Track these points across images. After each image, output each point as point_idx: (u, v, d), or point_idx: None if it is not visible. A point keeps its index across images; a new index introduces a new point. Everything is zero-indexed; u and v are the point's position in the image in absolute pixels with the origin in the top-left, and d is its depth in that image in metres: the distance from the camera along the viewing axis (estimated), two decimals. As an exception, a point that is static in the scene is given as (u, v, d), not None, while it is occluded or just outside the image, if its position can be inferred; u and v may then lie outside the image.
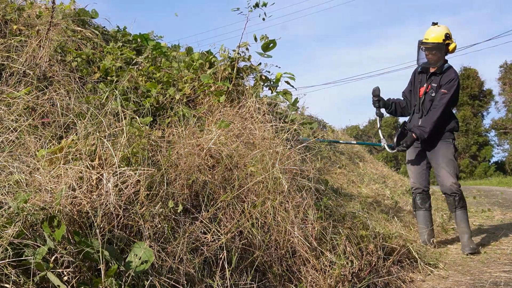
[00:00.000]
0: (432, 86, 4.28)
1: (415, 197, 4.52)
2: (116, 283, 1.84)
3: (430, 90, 4.28)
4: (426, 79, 4.35)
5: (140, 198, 2.24)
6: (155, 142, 2.76)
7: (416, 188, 4.52)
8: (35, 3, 4.37)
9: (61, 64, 3.48)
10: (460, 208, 4.26)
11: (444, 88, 4.20)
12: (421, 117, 4.31)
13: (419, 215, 4.54)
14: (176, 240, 2.26)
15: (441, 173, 4.27)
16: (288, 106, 6.86)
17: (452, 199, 4.26)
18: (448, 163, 4.25)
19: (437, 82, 4.24)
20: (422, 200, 4.49)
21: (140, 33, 4.98)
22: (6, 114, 2.64)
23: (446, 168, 4.23)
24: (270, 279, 2.59)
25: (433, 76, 4.31)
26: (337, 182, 5.72)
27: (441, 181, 4.30)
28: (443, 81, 4.22)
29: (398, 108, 4.56)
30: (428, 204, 4.51)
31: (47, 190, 2.04)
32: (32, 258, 1.74)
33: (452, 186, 4.22)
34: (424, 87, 4.35)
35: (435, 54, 4.22)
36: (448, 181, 4.23)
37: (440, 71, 4.27)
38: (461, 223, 4.27)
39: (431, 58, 4.24)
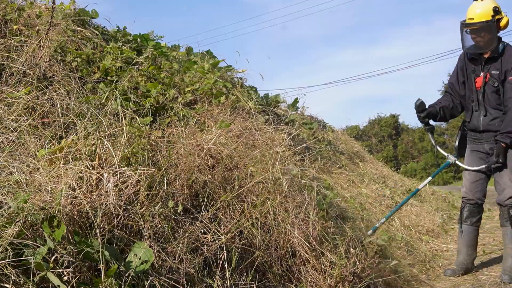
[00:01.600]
0: (492, 74, 3.44)
1: (463, 208, 3.75)
2: (116, 283, 1.84)
3: (491, 79, 3.44)
4: (482, 67, 3.50)
5: (140, 198, 2.24)
6: (155, 142, 2.76)
7: (468, 199, 3.72)
8: (35, 3, 4.37)
9: (61, 64, 3.48)
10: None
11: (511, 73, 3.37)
12: (485, 115, 3.53)
13: (462, 229, 3.75)
14: (176, 240, 2.26)
15: (502, 181, 3.49)
16: (288, 106, 6.86)
17: (506, 211, 3.50)
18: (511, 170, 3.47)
19: (498, 68, 3.42)
20: (470, 213, 3.69)
21: (140, 33, 4.99)
22: (6, 114, 2.64)
23: (510, 176, 3.46)
24: (270, 279, 2.59)
25: (490, 62, 3.47)
26: (337, 182, 5.72)
27: (500, 190, 3.53)
28: (506, 65, 3.39)
29: (447, 112, 3.76)
30: (476, 219, 3.71)
31: (47, 190, 2.04)
32: (32, 258, 1.74)
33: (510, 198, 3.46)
34: (481, 77, 3.50)
35: (485, 36, 3.39)
36: (509, 191, 3.45)
37: (497, 54, 3.43)
38: (509, 243, 3.53)
39: (481, 42, 3.42)
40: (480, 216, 3.73)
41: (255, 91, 5.67)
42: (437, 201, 8.07)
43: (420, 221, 5.87)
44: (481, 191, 3.68)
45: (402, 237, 4.41)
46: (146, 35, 4.98)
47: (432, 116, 3.71)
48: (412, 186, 8.58)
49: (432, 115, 3.70)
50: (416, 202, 7.15)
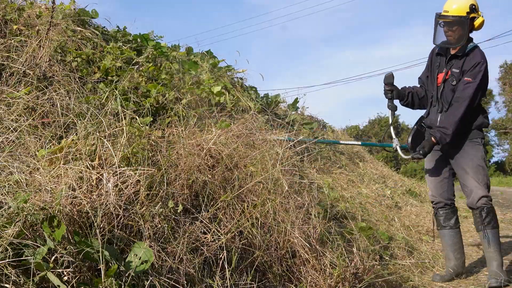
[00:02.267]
0: (452, 72, 3.37)
1: (436, 213, 3.59)
2: (116, 283, 1.84)
3: (450, 77, 3.38)
4: (446, 62, 3.44)
5: (140, 198, 2.24)
6: (155, 142, 2.76)
7: (436, 202, 3.57)
8: (35, 3, 4.37)
9: (61, 64, 3.48)
10: (489, 227, 3.30)
11: (468, 75, 3.28)
12: (440, 111, 3.43)
13: (443, 235, 3.57)
14: (176, 240, 2.26)
15: (468, 183, 3.35)
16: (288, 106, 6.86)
17: (478, 214, 3.32)
18: (476, 170, 3.33)
19: (459, 67, 3.34)
20: (445, 217, 3.53)
21: (140, 33, 4.99)
22: (6, 114, 2.64)
23: (474, 177, 3.32)
24: (270, 279, 2.59)
25: (454, 60, 3.40)
26: (337, 182, 5.72)
27: (468, 193, 3.37)
28: (467, 65, 3.31)
29: (415, 99, 3.63)
30: (454, 221, 3.54)
31: (47, 190, 2.04)
32: (32, 258, 1.74)
33: (481, 199, 3.30)
34: (443, 73, 3.43)
35: (457, 31, 3.32)
36: (477, 193, 3.30)
37: (462, 53, 3.35)
38: (489, 246, 3.30)
39: (452, 36, 3.34)
40: (456, 216, 3.56)
41: (255, 91, 5.67)
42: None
43: (420, 221, 5.87)
44: (448, 191, 3.53)
45: (402, 237, 4.41)
46: (146, 35, 4.99)
47: (398, 95, 3.58)
48: (412, 186, 8.58)
49: (398, 93, 3.57)
50: (416, 202, 7.15)
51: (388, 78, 3.55)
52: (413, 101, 3.63)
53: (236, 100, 4.61)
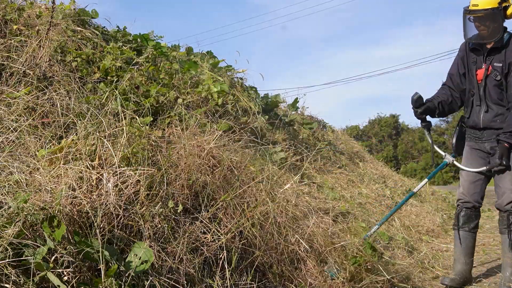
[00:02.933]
0: (494, 66, 3.13)
1: (460, 212, 3.39)
2: (116, 283, 1.84)
3: (493, 72, 3.13)
4: (484, 58, 3.20)
5: (140, 198, 2.24)
6: (155, 142, 2.76)
7: (464, 201, 3.36)
8: (35, 3, 4.37)
9: (61, 64, 3.48)
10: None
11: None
12: (487, 111, 3.20)
13: (458, 236, 3.38)
14: (176, 240, 2.26)
15: (503, 184, 3.16)
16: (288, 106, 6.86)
17: (505, 217, 3.17)
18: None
19: (501, 59, 3.11)
20: (467, 218, 3.34)
21: (140, 33, 4.99)
22: (6, 114, 2.64)
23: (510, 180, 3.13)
24: (270, 279, 2.59)
25: (493, 54, 3.16)
26: (337, 182, 5.72)
27: (499, 194, 3.20)
28: (510, 56, 3.08)
29: (445, 107, 3.40)
30: (473, 225, 3.36)
31: (47, 190, 2.04)
32: (32, 258, 1.74)
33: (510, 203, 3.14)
34: (482, 69, 3.19)
35: (490, 25, 3.09)
36: (509, 196, 3.13)
37: (501, 45, 3.12)
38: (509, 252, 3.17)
39: (485, 31, 3.11)
40: (477, 221, 3.39)
41: (255, 91, 5.67)
42: (437, 201, 8.07)
43: (420, 221, 5.87)
44: (480, 193, 3.33)
45: (402, 237, 4.41)
46: (146, 35, 4.99)
47: (429, 111, 3.38)
48: (412, 186, 8.58)
49: (429, 110, 3.37)
50: (416, 202, 7.15)
51: (418, 100, 3.31)
52: (443, 110, 3.41)
53: (236, 100, 4.61)
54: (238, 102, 4.60)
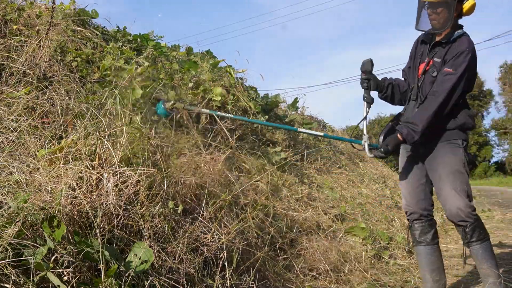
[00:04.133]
0: (434, 61, 2.90)
1: (411, 226, 3.00)
2: (116, 283, 1.84)
3: (431, 67, 2.90)
4: (428, 51, 2.96)
5: (140, 198, 2.24)
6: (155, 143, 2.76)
7: (411, 213, 2.98)
8: (35, 3, 4.37)
9: (61, 64, 3.48)
10: (477, 242, 2.78)
11: (450, 65, 2.80)
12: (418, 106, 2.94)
13: (418, 252, 2.98)
14: (176, 240, 2.26)
15: (444, 191, 2.81)
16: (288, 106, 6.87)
17: (462, 230, 2.79)
18: (453, 175, 2.79)
19: (442, 56, 2.88)
20: (421, 231, 2.94)
21: (140, 33, 4.99)
22: (6, 114, 2.64)
23: (451, 184, 2.78)
24: (271, 279, 2.59)
25: (437, 47, 2.92)
26: (337, 182, 5.72)
27: (444, 203, 2.83)
28: (450, 54, 2.84)
29: (396, 92, 3.09)
30: (431, 235, 2.94)
31: (47, 190, 2.04)
32: (32, 258, 1.74)
33: (459, 211, 2.74)
34: (424, 62, 2.96)
35: (442, 14, 2.85)
36: (454, 203, 2.75)
37: (447, 40, 2.88)
38: (481, 263, 2.79)
39: (436, 20, 2.87)
40: (434, 230, 2.96)
41: (255, 91, 5.67)
42: (436, 201, 8.07)
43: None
44: (426, 200, 2.94)
45: (402, 237, 4.41)
46: (146, 35, 4.99)
47: (375, 85, 3.00)
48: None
49: (375, 84, 3.00)
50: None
51: (366, 65, 2.97)
52: (393, 94, 3.08)
53: (236, 100, 4.61)
54: (238, 102, 4.60)
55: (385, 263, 3.73)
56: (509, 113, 34.52)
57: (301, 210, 3.86)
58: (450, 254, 4.72)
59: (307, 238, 3.40)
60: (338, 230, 3.95)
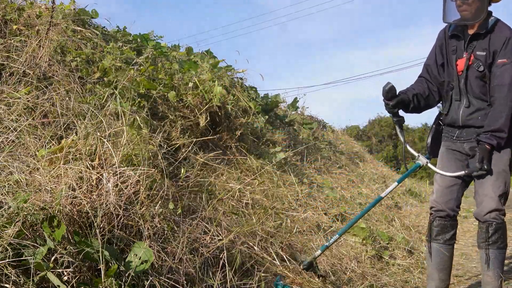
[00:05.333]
0: (477, 55, 2.71)
1: (432, 222, 2.90)
2: (116, 283, 1.84)
3: (475, 62, 2.71)
4: (465, 46, 2.76)
5: (140, 198, 2.24)
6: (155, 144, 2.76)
7: (438, 209, 2.87)
8: (35, 3, 4.37)
9: (61, 64, 3.47)
10: (493, 246, 2.68)
11: (502, 55, 2.62)
12: (468, 106, 2.77)
13: (432, 249, 2.89)
14: (176, 240, 2.26)
15: (482, 190, 2.72)
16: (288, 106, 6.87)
17: (484, 229, 2.70)
18: (497, 176, 2.68)
19: (485, 47, 2.68)
20: (441, 228, 2.85)
21: (140, 33, 4.99)
22: (6, 114, 2.64)
23: (492, 184, 2.68)
24: (271, 279, 2.59)
25: (475, 41, 2.73)
26: (337, 182, 5.72)
27: (478, 202, 2.75)
28: (495, 44, 2.65)
29: (421, 101, 2.93)
30: (449, 236, 2.85)
31: (47, 190, 2.04)
32: (32, 258, 1.74)
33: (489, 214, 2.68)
34: (463, 58, 2.76)
35: (474, 4, 2.66)
36: (488, 204, 2.68)
37: (485, 30, 2.70)
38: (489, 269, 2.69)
39: (467, 11, 2.68)
40: (454, 231, 2.88)
41: (255, 91, 5.67)
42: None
43: (420, 221, 5.87)
44: (455, 200, 2.84)
45: (402, 237, 4.41)
46: (146, 35, 4.99)
47: (403, 105, 2.89)
48: (412, 186, 8.58)
49: (403, 103, 2.88)
50: (416, 202, 7.15)
51: (389, 91, 2.83)
52: (419, 104, 2.93)
53: (236, 100, 4.61)
54: (238, 102, 4.60)
55: (385, 263, 3.73)
56: (509, 113, 34.51)
57: (301, 210, 3.86)
58: (450, 254, 4.71)
59: (307, 238, 3.40)
60: (338, 230, 3.96)
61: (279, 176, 4.24)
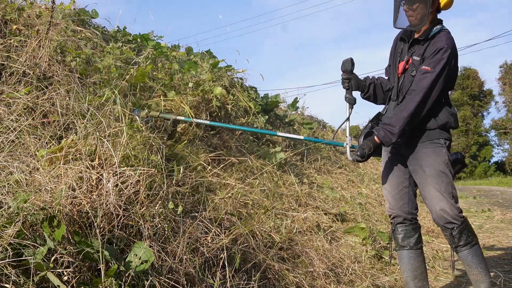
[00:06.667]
0: (413, 60, 2.78)
1: (394, 230, 2.89)
2: (116, 283, 1.84)
3: (411, 66, 2.78)
4: (407, 49, 2.84)
5: (140, 198, 2.24)
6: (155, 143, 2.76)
7: (394, 216, 2.87)
8: (35, 3, 4.37)
9: (60, 64, 3.47)
10: (465, 246, 2.70)
11: (427, 63, 2.68)
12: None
13: (401, 257, 2.88)
14: (176, 240, 2.26)
15: (428, 193, 2.71)
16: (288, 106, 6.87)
17: (448, 234, 2.70)
18: (437, 177, 2.69)
19: (420, 53, 2.76)
20: (405, 234, 2.84)
21: (140, 33, 4.99)
22: (6, 114, 2.64)
23: (435, 185, 2.68)
24: (270, 279, 2.59)
25: (416, 45, 2.81)
26: (337, 182, 5.72)
27: (429, 206, 2.74)
28: (428, 51, 2.73)
29: (379, 92, 2.94)
30: (415, 240, 2.84)
31: (47, 190, 2.04)
32: (32, 258, 1.74)
33: (444, 213, 2.65)
34: (403, 61, 2.84)
35: (418, 10, 2.73)
36: (439, 205, 2.66)
37: (425, 37, 2.76)
38: (471, 268, 2.69)
39: (413, 16, 2.76)
40: (418, 234, 2.85)
41: (255, 91, 5.67)
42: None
43: (420, 221, 5.86)
44: (409, 203, 2.84)
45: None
46: (146, 35, 4.99)
47: (356, 85, 2.88)
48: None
49: (357, 84, 2.88)
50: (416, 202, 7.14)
51: (346, 64, 2.84)
52: (375, 94, 2.94)
53: (236, 100, 4.62)
54: (238, 102, 4.60)
55: (385, 263, 3.73)
56: (509, 113, 34.52)
57: (301, 210, 3.86)
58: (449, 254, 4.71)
59: (307, 238, 3.40)
60: (338, 230, 3.96)
61: (279, 176, 4.24)
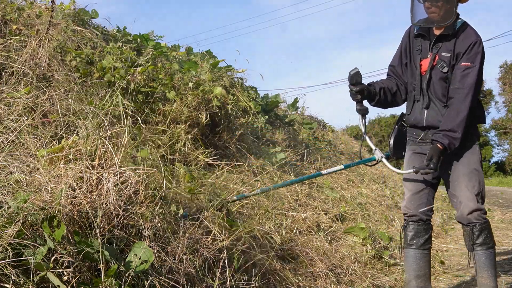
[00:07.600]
0: (441, 56, 2.68)
1: (406, 227, 2.87)
2: (116, 283, 1.84)
3: (440, 63, 2.68)
4: (431, 46, 2.72)
5: (140, 198, 2.24)
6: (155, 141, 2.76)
7: (410, 215, 2.84)
8: (35, 3, 4.37)
9: (60, 64, 3.47)
10: (481, 246, 2.66)
11: (465, 58, 2.60)
12: (426, 107, 2.74)
13: (407, 255, 2.86)
14: (176, 240, 2.26)
15: (458, 192, 2.68)
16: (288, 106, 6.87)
17: (469, 231, 2.68)
18: (470, 176, 2.66)
19: (450, 49, 2.66)
20: (415, 233, 2.81)
21: (140, 33, 4.99)
22: (6, 114, 2.63)
23: (467, 184, 2.65)
24: (270, 280, 2.59)
25: (441, 42, 2.70)
26: (337, 182, 5.72)
27: (457, 205, 2.72)
28: (461, 47, 2.63)
29: (388, 95, 2.86)
30: (424, 241, 2.80)
31: (47, 190, 2.04)
32: (32, 258, 1.74)
33: (470, 214, 2.64)
34: (427, 58, 2.72)
35: (443, 6, 2.61)
36: (467, 205, 2.64)
37: (452, 32, 2.66)
38: (481, 270, 2.67)
39: (436, 13, 2.64)
40: (429, 235, 2.82)
41: (255, 91, 5.68)
42: (437, 201, 8.07)
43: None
44: (426, 204, 2.81)
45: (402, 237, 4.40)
46: (146, 35, 4.99)
47: (368, 94, 2.79)
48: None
49: (368, 93, 2.78)
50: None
51: (356, 76, 2.74)
52: (386, 98, 2.86)
53: (236, 100, 4.61)
54: (238, 102, 4.60)
55: (385, 263, 3.73)
56: (509, 113, 34.51)
57: (301, 210, 3.86)
58: (450, 253, 4.72)
59: (307, 238, 3.40)
60: (338, 230, 3.96)
61: (279, 176, 4.24)
